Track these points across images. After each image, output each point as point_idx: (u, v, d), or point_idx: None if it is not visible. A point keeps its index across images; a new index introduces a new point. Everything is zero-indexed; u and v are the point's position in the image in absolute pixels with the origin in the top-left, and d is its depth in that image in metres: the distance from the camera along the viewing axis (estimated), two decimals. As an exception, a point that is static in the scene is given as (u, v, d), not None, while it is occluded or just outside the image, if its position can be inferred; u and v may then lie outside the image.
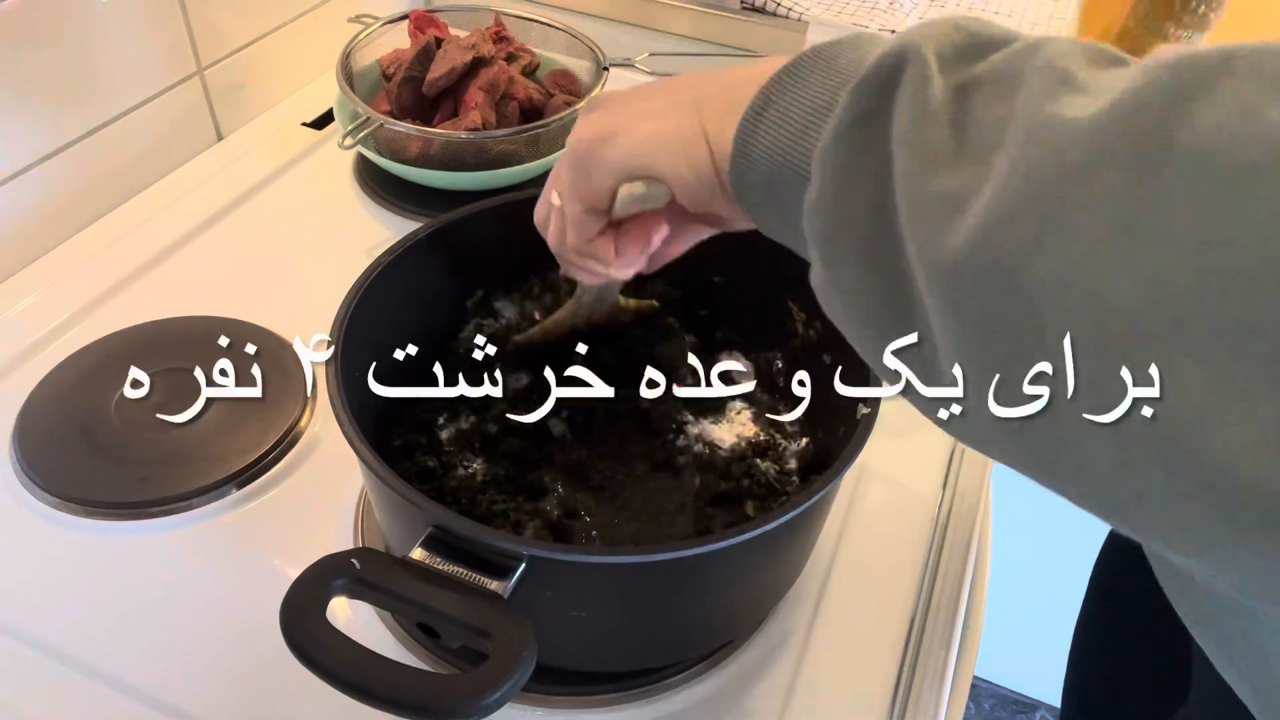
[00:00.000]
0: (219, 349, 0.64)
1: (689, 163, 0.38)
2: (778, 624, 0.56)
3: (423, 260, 0.57)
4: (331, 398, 0.46)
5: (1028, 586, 1.18)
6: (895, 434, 0.59)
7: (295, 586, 0.39)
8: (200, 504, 0.59)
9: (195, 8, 0.84)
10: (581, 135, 0.42)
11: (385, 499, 0.48)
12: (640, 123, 0.40)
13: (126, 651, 0.52)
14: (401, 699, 0.37)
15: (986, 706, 1.53)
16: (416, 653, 0.53)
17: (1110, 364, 0.23)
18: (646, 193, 0.41)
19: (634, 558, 0.43)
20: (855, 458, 0.46)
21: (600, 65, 0.89)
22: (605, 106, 0.42)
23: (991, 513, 0.70)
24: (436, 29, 0.89)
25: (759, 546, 0.46)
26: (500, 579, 0.40)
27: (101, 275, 0.75)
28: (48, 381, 0.65)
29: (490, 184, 0.82)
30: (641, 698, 0.52)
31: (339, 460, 0.62)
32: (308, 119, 0.94)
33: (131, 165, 0.83)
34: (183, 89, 0.86)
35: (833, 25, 1.01)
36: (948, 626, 0.57)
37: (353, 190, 0.87)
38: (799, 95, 0.33)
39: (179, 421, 0.62)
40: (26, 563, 0.56)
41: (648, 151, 0.39)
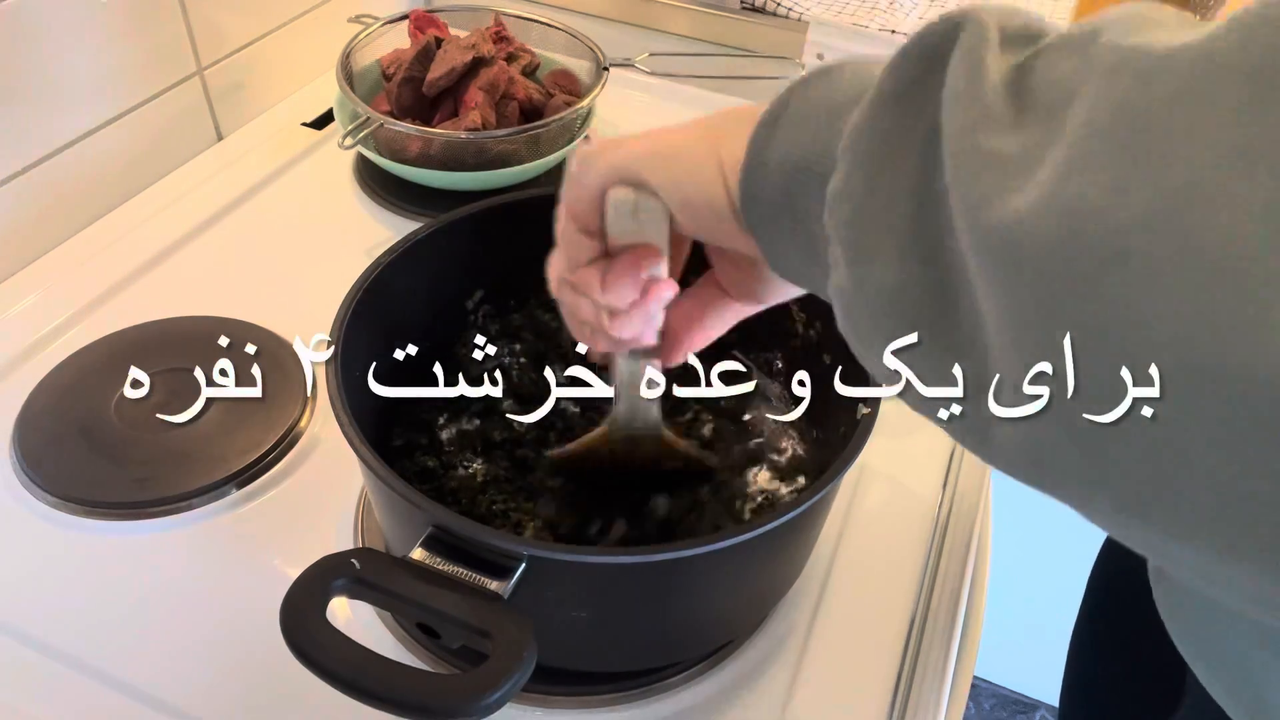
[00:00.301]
0: (219, 349, 0.64)
1: (691, 177, 0.35)
2: (778, 624, 0.56)
3: (422, 260, 0.57)
4: (331, 398, 0.46)
5: (1028, 586, 1.18)
6: (895, 434, 0.59)
7: (295, 586, 0.39)
8: (200, 504, 0.59)
9: (195, 8, 0.84)
10: (579, 155, 0.39)
11: (385, 499, 0.48)
12: (644, 139, 0.37)
13: (126, 651, 0.52)
14: (401, 699, 0.37)
15: (986, 706, 1.53)
16: (416, 653, 0.53)
17: (1204, 305, 0.20)
18: (636, 202, 0.37)
19: (634, 558, 0.43)
20: (855, 458, 0.46)
21: (600, 65, 0.89)
22: (615, 138, 0.40)
23: (991, 513, 0.70)
24: (436, 29, 0.89)
25: (759, 546, 0.46)
26: (500, 579, 0.40)
27: (101, 275, 0.75)
28: (48, 381, 0.65)
29: (490, 184, 0.82)
30: (641, 698, 0.52)
31: (339, 460, 0.62)
32: (308, 119, 0.94)
33: (132, 165, 0.83)
34: (182, 89, 0.86)
35: (833, 25, 1.01)
36: (948, 626, 0.57)
37: (353, 190, 0.87)
38: (827, 90, 0.31)
39: (179, 421, 0.62)
40: (26, 563, 0.56)
41: (643, 157, 0.36)
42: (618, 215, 0.38)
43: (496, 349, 0.61)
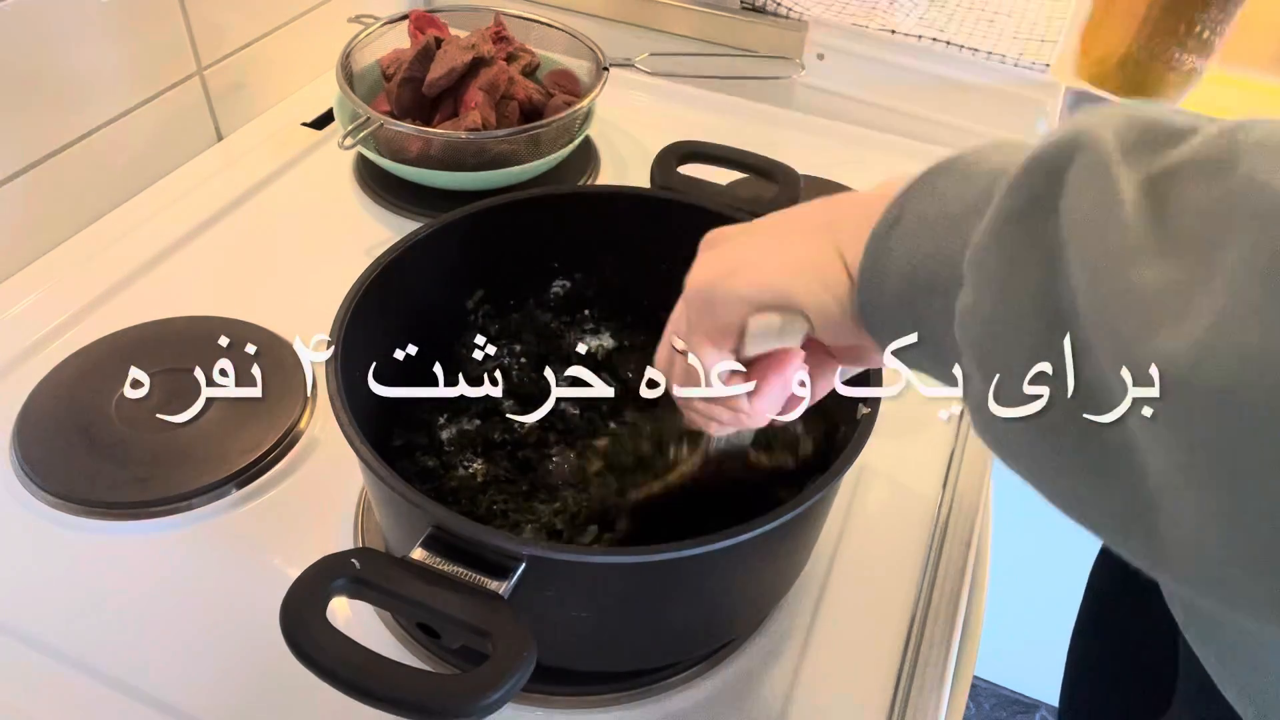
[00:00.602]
0: (219, 349, 0.64)
1: (827, 289, 0.34)
2: (778, 624, 0.56)
3: (423, 260, 0.57)
4: (331, 398, 0.46)
5: (1028, 586, 1.17)
6: (895, 434, 0.59)
7: (295, 586, 0.39)
8: (200, 504, 0.59)
9: (195, 8, 0.84)
10: (701, 274, 0.38)
11: (385, 499, 0.48)
12: (768, 252, 0.36)
13: (126, 651, 0.52)
14: (401, 699, 0.37)
15: (986, 706, 1.53)
16: (416, 653, 0.53)
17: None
18: (781, 324, 0.36)
19: (634, 558, 0.43)
20: (855, 458, 0.46)
21: (600, 65, 0.89)
22: (727, 241, 0.39)
23: (991, 513, 0.70)
24: (436, 29, 0.89)
25: (759, 546, 0.45)
26: (500, 579, 0.40)
27: (101, 275, 0.75)
28: (48, 381, 0.65)
29: (490, 184, 0.82)
30: (641, 698, 0.52)
31: (339, 460, 0.62)
32: (308, 119, 0.94)
33: (132, 165, 0.83)
34: (183, 89, 0.86)
35: (833, 25, 1.01)
36: (948, 626, 0.57)
37: (353, 190, 0.87)
38: (941, 197, 0.31)
39: (179, 421, 0.62)
40: (26, 563, 0.56)
41: (782, 279, 0.35)
42: (763, 337, 0.37)
43: (496, 349, 0.61)
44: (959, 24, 1.05)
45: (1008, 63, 0.99)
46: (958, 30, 1.03)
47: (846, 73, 1.01)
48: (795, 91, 1.03)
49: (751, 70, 1.02)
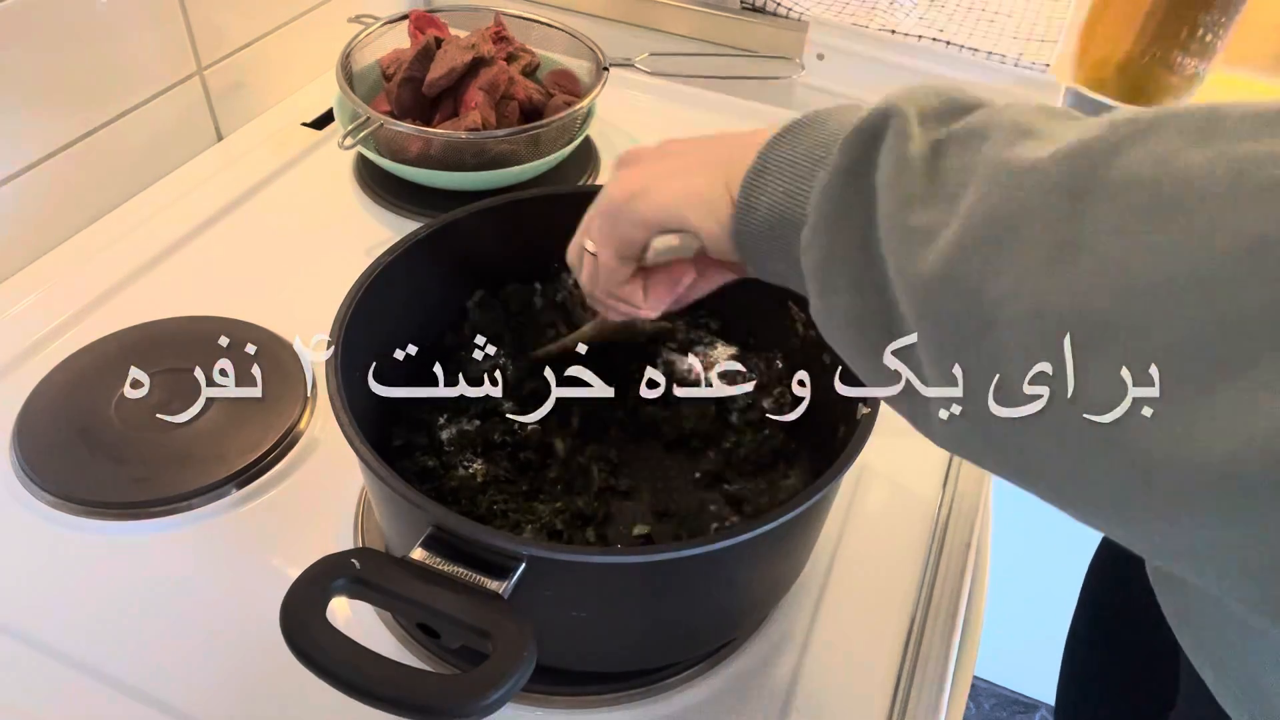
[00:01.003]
0: (219, 349, 0.64)
1: (715, 218, 0.41)
2: (778, 624, 0.56)
3: (423, 260, 0.57)
4: (331, 398, 0.46)
5: (1027, 586, 1.18)
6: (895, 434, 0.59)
7: (295, 586, 0.39)
8: (200, 504, 0.59)
9: (195, 8, 0.84)
10: (616, 189, 0.44)
11: (385, 499, 0.48)
12: (673, 179, 0.43)
13: (126, 651, 0.52)
14: (401, 699, 0.37)
15: (986, 706, 1.53)
16: (416, 653, 0.53)
17: (1049, 364, 0.27)
18: (679, 244, 0.43)
19: (634, 558, 0.43)
20: (855, 458, 0.46)
21: (600, 65, 0.89)
22: (639, 162, 0.45)
23: (991, 513, 0.70)
24: (436, 29, 0.89)
25: (759, 546, 0.46)
26: (500, 579, 0.40)
27: (101, 275, 0.75)
28: (48, 381, 0.65)
29: (490, 184, 0.82)
30: (641, 698, 0.52)
31: (339, 460, 0.62)
32: (308, 119, 0.94)
33: (132, 165, 0.83)
34: (183, 89, 0.86)
35: (833, 25, 1.01)
36: (948, 626, 0.57)
37: (353, 190, 0.87)
38: (794, 149, 0.38)
39: (179, 421, 0.62)
40: (26, 563, 0.56)
41: (681, 206, 0.42)
42: (662, 251, 0.44)
43: (496, 349, 0.61)
44: (959, 24, 1.05)
45: (1007, 63, 0.99)
46: (958, 30, 1.03)
47: (846, 73, 1.01)
48: (795, 91, 1.03)
49: (751, 70, 1.02)
